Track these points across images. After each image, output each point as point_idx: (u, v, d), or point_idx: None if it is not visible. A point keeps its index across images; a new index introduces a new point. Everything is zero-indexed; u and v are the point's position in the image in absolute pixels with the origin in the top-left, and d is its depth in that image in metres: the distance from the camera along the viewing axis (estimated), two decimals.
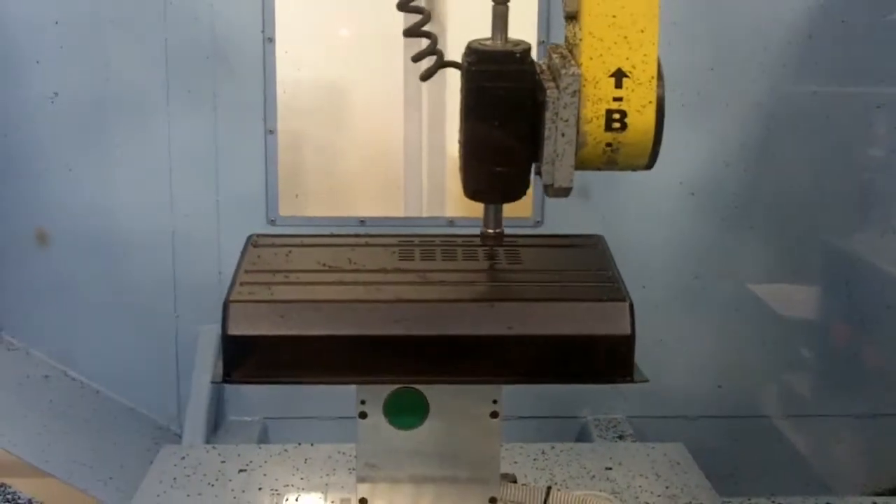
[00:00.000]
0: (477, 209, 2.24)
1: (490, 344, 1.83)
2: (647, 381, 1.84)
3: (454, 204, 3.13)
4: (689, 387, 3.24)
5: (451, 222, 3.12)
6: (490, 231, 1.91)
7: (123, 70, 3.03)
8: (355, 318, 1.83)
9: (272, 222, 3.16)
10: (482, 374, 1.84)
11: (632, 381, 1.83)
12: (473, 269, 2.10)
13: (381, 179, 3.22)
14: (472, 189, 1.82)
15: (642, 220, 3.15)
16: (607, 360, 1.83)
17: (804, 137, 3.12)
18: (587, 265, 2.13)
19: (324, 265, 2.05)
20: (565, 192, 1.76)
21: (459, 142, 1.80)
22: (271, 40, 3.03)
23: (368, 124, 3.19)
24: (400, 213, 3.20)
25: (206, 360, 3.13)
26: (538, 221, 3.19)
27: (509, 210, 2.98)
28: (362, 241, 2.26)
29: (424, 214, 3.21)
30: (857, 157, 3.16)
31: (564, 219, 3.11)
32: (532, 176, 1.82)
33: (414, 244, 2.22)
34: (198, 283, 3.12)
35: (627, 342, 1.84)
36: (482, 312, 1.86)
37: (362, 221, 3.18)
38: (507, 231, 2.38)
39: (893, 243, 3.19)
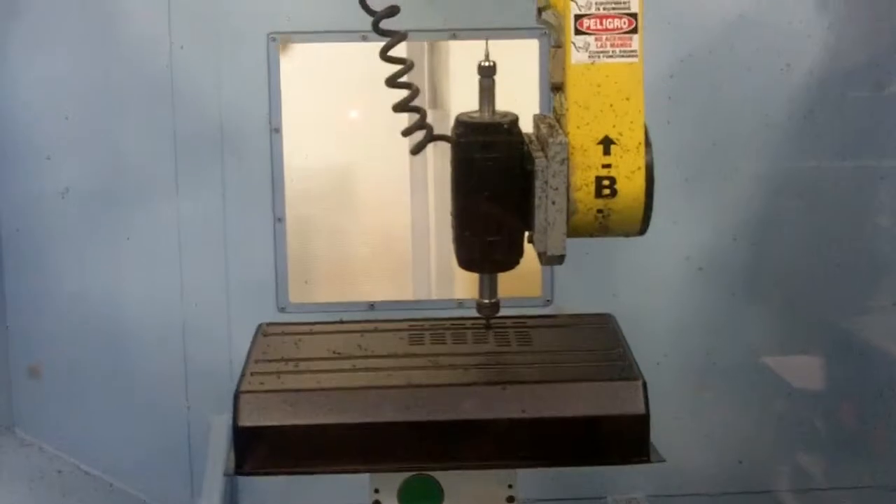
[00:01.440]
0: None
1: (503, 427, 1.83)
2: (663, 461, 1.82)
3: (463, 285, 3.13)
4: (709, 463, 3.18)
5: (460, 304, 3.12)
6: (486, 301, 1.91)
7: (133, 160, 3.08)
8: (366, 406, 1.84)
9: (282, 309, 3.17)
10: (496, 459, 1.83)
11: (648, 461, 1.81)
12: (484, 352, 2.11)
13: (390, 263, 3.24)
14: (466, 259, 1.83)
15: (652, 296, 3.13)
16: (623, 440, 1.84)
17: (809, 210, 3.11)
18: (598, 345, 2.14)
19: (333, 352, 2.07)
20: (559, 259, 1.77)
21: (452, 213, 1.82)
22: (277, 131, 3.08)
23: (376, 208, 3.23)
24: (409, 297, 3.21)
25: (219, 451, 3.10)
26: (548, 301, 3.18)
27: (519, 290, 3.02)
28: (372, 326, 2.27)
29: (433, 297, 3.21)
30: (864, 228, 3.14)
31: (574, 297, 3.11)
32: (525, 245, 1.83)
33: (424, 328, 2.23)
34: (209, 372, 3.12)
35: (642, 422, 1.84)
36: (494, 396, 1.86)
37: (372, 306, 3.18)
38: (517, 311, 2.40)
39: None
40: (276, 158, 3.10)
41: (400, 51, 1.84)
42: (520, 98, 2.02)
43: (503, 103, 1.87)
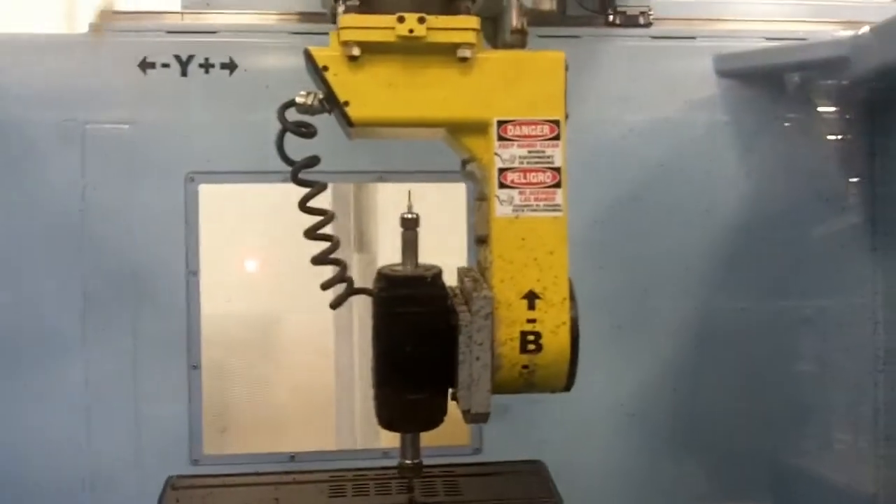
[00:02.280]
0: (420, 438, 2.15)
1: None
2: None
3: (389, 434, 3.02)
4: None
5: (385, 454, 3.01)
6: (408, 462, 1.82)
7: (38, 305, 2.95)
8: None
9: (196, 462, 3.01)
10: None
11: None
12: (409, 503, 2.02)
13: (312, 412, 3.14)
14: (386, 419, 1.75)
15: (583, 444, 3.06)
16: None
17: (736, 354, 3.11)
18: (529, 493, 2.08)
19: None
20: (483, 417, 1.71)
21: (372, 369, 1.75)
22: (195, 274, 2.99)
23: (298, 354, 3.14)
24: (332, 447, 3.09)
25: None
26: (477, 449, 3.09)
27: (447, 438, 2.92)
28: (290, 478, 2.16)
29: (358, 447, 3.10)
30: (790, 370, 3.15)
31: (504, 446, 3.02)
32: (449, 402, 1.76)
33: (346, 479, 2.14)
34: None
35: None
36: None
37: (292, 457, 3.04)
38: (445, 460, 2.31)
39: (830, 455, 3.14)
40: (192, 303, 3.00)
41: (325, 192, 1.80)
42: (448, 241, 1.99)
43: (430, 246, 1.83)
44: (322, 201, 1.82)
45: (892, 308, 3.10)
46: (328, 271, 1.85)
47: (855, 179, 3.15)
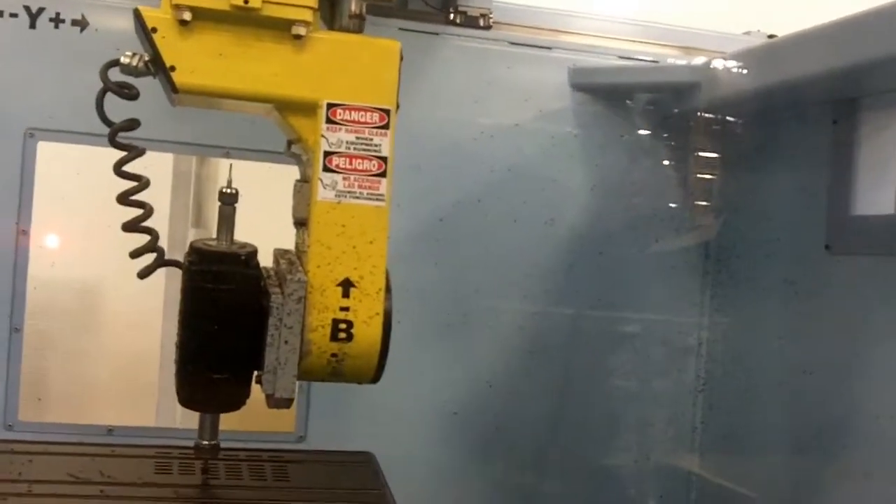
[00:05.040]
0: (242, 423, 2.12)
1: None
2: None
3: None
4: None
5: None
6: (205, 443, 1.78)
7: None
8: None
9: (10, 427, 2.89)
10: None
11: None
12: (237, 486, 1.99)
13: (133, 386, 3.05)
14: (186, 397, 1.70)
15: (407, 439, 3.06)
16: None
17: (562, 361, 3.16)
18: (358, 484, 2.06)
19: (71, 476, 1.88)
20: (286, 403, 1.68)
21: (176, 345, 1.70)
22: (25, 233, 2.87)
23: (123, 327, 3.05)
24: (151, 423, 3.01)
25: None
26: (301, 436, 3.05)
27: (270, 424, 2.88)
28: (109, 450, 2.11)
29: (178, 425, 3.02)
30: (612, 382, 3.22)
31: (329, 435, 3.00)
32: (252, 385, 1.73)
33: (172, 456, 2.09)
34: None
35: None
36: None
37: (110, 430, 2.95)
38: (269, 446, 2.27)
39: (648, 468, 3.23)
40: (19, 263, 2.88)
41: (165, 161, 1.75)
42: (284, 226, 1.95)
43: (268, 229, 1.79)
44: (165, 174, 1.78)
45: (715, 330, 3.21)
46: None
47: (695, 202, 3.24)
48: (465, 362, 3.10)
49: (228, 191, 1.72)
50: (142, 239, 1.77)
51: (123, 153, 1.69)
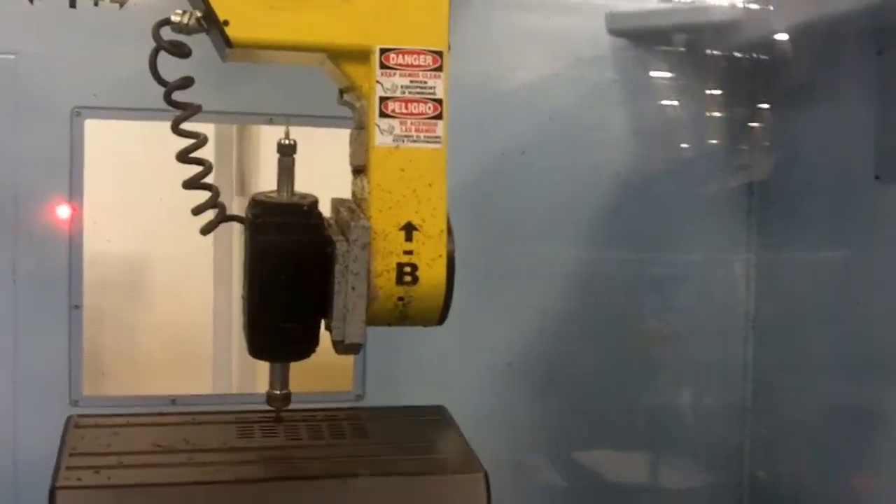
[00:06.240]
0: (303, 384, 2.14)
1: None
2: None
3: (265, 379, 3.01)
4: None
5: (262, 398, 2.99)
6: (277, 392, 1.81)
7: None
8: (195, 503, 1.70)
9: (75, 403, 2.94)
10: None
11: None
12: (321, 444, 2.04)
13: (189, 356, 3.09)
14: (257, 347, 1.73)
15: (463, 392, 3.09)
16: None
17: (616, 305, 3.18)
18: (438, 435, 2.08)
19: (158, 446, 1.89)
20: (356, 348, 1.70)
21: (243, 297, 1.73)
22: (78, 211, 2.91)
23: (176, 298, 3.09)
24: (208, 391, 3.05)
25: None
26: (359, 395, 3.09)
27: (328, 384, 2.91)
28: (189, 418, 2.14)
29: (234, 391, 3.07)
30: (666, 323, 3.24)
31: (386, 393, 3.03)
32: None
33: (252, 420, 2.12)
34: None
35: None
36: (335, 489, 1.77)
37: (173, 400, 3.00)
38: (332, 405, 2.30)
39: (701, 409, 3.25)
40: (75, 241, 2.92)
41: (207, 132, 1.76)
42: (333, 188, 1.96)
43: (315, 191, 1.81)
44: (207, 146, 1.78)
45: (762, 268, 3.21)
46: (208, 215, 1.81)
47: (737, 142, 3.24)
48: (518, 313, 3.12)
49: (287, 142, 1.73)
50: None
51: (178, 112, 1.70)
